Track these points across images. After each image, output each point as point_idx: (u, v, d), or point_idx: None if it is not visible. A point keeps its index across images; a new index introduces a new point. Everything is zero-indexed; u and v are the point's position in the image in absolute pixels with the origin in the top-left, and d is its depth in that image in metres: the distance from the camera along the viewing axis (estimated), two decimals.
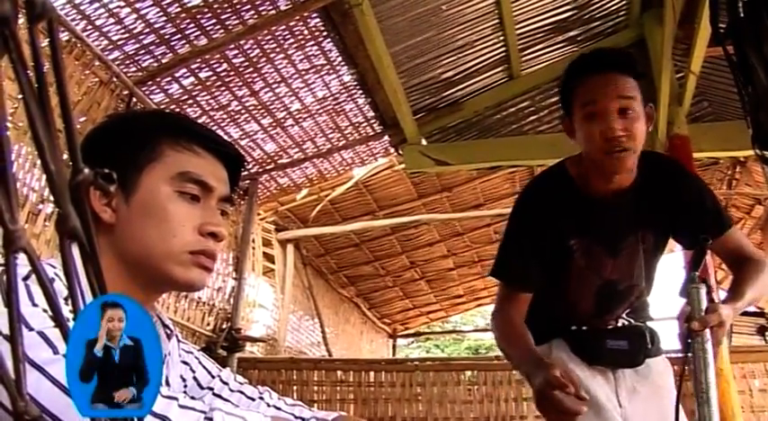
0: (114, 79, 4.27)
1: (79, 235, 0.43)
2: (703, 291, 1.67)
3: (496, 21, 5.07)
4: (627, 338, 2.13)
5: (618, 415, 2.04)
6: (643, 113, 1.91)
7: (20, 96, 2.57)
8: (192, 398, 1.01)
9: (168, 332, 1.30)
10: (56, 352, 0.84)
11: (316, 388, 5.89)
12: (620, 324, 2.17)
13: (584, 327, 2.18)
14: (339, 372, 5.92)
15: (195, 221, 1.16)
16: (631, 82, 1.91)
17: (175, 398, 0.88)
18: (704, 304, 1.66)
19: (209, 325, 5.53)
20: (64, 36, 3.82)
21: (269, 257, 7.71)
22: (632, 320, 2.16)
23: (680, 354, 1.72)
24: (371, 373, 5.85)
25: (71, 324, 0.48)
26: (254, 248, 6.53)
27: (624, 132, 1.86)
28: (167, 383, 1.26)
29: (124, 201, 1.13)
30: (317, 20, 4.54)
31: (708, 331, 1.63)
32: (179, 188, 1.16)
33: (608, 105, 1.88)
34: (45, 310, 0.90)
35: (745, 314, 9.91)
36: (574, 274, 2.13)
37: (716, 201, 2.11)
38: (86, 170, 0.43)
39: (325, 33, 4.67)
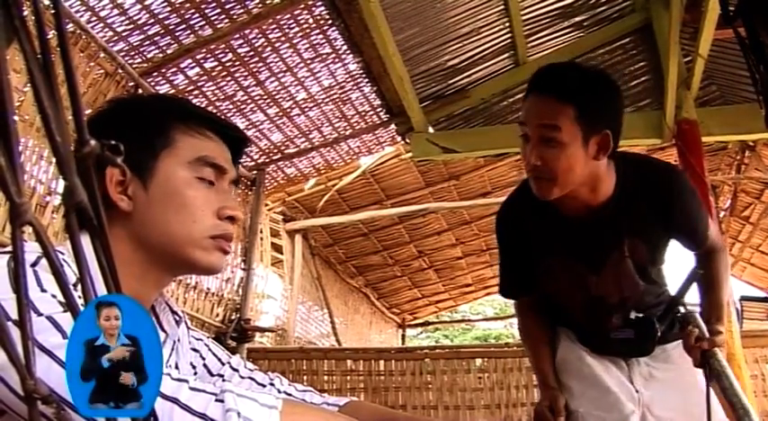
0: (119, 71, 4.26)
1: (86, 208, 0.42)
2: (696, 313, 1.93)
3: (502, 7, 5.04)
4: (633, 327, 2.07)
5: (632, 399, 2.02)
6: (579, 141, 1.76)
7: (25, 89, 2.56)
8: None
9: (177, 318, 1.30)
10: (65, 336, 0.84)
11: (326, 377, 5.90)
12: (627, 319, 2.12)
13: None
14: (349, 362, 5.93)
15: (213, 205, 1.18)
16: (564, 109, 1.75)
17: (186, 381, 0.87)
18: (700, 322, 1.89)
19: (218, 316, 5.54)
20: (68, 28, 3.81)
21: (277, 248, 7.72)
22: (640, 315, 2.08)
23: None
24: (381, 362, 5.86)
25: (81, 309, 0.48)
26: (262, 239, 6.53)
27: (537, 162, 1.79)
28: (176, 368, 1.26)
29: (142, 188, 1.13)
30: (322, 8, 4.52)
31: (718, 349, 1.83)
32: (197, 173, 1.17)
33: (529, 132, 1.81)
34: (54, 296, 0.90)
35: (757, 300, 9.91)
36: (558, 290, 2.13)
37: (701, 212, 2.03)
38: (93, 142, 0.42)
39: (330, 22, 4.64)
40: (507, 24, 5.22)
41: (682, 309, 1.94)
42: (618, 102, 1.88)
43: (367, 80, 5.32)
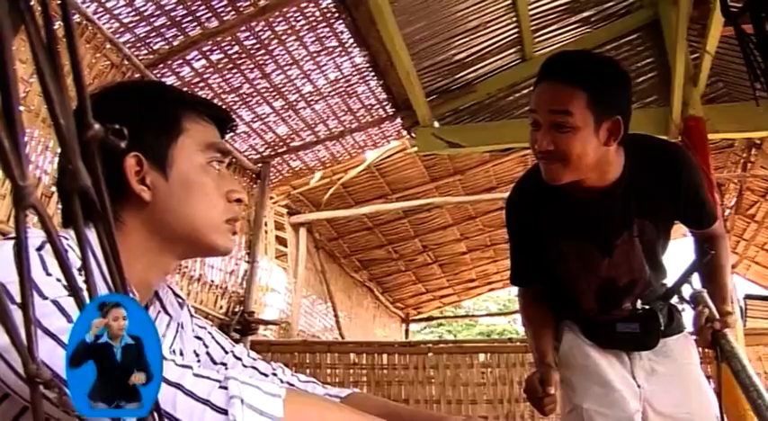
0: (125, 62, 4.26)
1: (90, 193, 0.42)
2: (705, 293, 1.94)
3: (509, 1, 5.02)
4: (638, 321, 2.10)
5: (635, 396, 2.04)
6: (590, 126, 1.78)
7: (31, 80, 2.56)
8: None
9: (180, 301, 1.31)
10: (70, 320, 0.84)
11: (329, 370, 5.91)
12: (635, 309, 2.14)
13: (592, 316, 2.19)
14: (352, 355, 5.94)
15: (222, 189, 1.21)
16: (576, 94, 1.76)
17: (190, 367, 0.87)
18: (710, 302, 1.91)
19: (221, 308, 5.55)
20: (75, 18, 3.81)
21: (281, 241, 7.72)
22: (646, 306, 2.12)
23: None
24: (384, 356, 5.86)
25: (85, 293, 0.48)
26: (266, 232, 6.52)
27: (549, 147, 1.80)
28: (181, 354, 1.27)
29: (162, 177, 1.14)
30: (329, 1, 4.51)
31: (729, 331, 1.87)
32: (209, 159, 1.19)
33: (539, 117, 1.82)
34: (59, 280, 0.90)
35: (761, 298, 9.88)
36: (570, 275, 2.13)
37: (706, 195, 2.07)
38: (96, 125, 0.42)
39: (336, 15, 4.64)
40: (514, 19, 5.21)
41: (690, 290, 1.95)
42: (628, 88, 1.90)
43: (373, 74, 5.32)
